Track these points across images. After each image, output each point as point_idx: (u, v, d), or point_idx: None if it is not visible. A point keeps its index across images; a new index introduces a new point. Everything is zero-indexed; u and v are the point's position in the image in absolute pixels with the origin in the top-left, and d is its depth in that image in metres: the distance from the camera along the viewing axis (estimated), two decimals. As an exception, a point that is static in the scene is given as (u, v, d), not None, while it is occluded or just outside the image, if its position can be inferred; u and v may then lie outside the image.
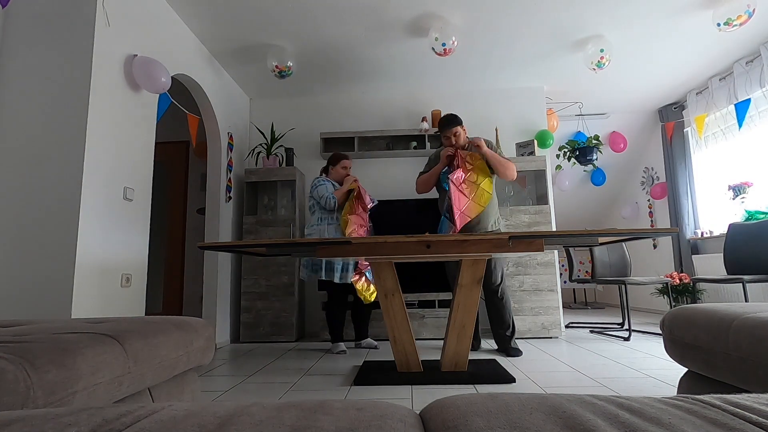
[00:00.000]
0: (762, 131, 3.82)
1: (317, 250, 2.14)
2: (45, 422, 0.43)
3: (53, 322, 1.20)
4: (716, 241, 4.29)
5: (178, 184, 4.68)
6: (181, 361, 1.23)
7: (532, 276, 3.59)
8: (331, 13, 3.06)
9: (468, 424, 0.43)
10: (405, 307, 2.33)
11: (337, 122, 4.38)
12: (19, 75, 2.21)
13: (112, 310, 2.30)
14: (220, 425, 0.43)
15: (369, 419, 0.45)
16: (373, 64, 3.81)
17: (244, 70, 3.85)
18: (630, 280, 3.53)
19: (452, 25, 3.20)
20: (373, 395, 1.98)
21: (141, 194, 2.58)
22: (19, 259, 2.06)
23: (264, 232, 3.82)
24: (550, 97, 4.51)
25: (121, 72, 2.44)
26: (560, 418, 0.43)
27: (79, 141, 2.14)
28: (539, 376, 2.27)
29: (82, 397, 0.86)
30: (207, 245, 2.11)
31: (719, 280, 3.27)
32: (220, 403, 0.51)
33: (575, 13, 3.13)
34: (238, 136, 4.07)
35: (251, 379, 2.32)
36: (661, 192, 5.10)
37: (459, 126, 2.86)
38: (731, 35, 3.40)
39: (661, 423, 0.42)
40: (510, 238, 2.05)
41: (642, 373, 2.28)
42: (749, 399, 0.49)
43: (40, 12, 2.25)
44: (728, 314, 1.16)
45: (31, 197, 2.11)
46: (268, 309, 3.68)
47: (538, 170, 3.85)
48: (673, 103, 4.85)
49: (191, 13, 3.02)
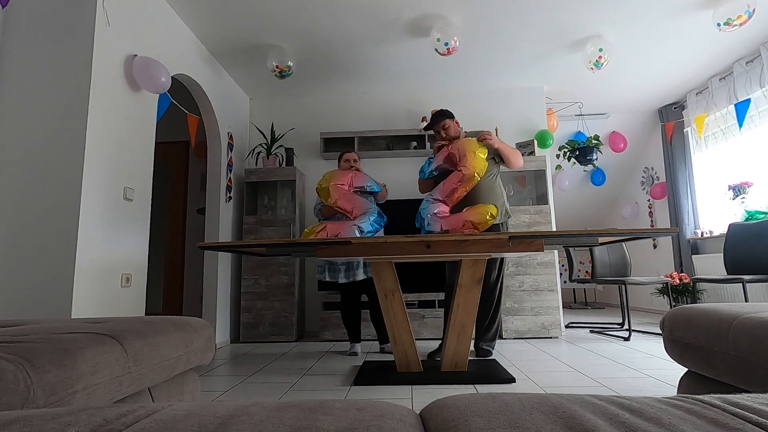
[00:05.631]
0: (762, 131, 3.82)
1: (317, 250, 2.14)
2: (45, 422, 0.43)
3: (53, 322, 1.20)
4: (716, 241, 4.29)
5: (178, 184, 4.67)
6: (181, 361, 1.23)
7: (532, 276, 3.59)
8: (331, 12, 3.06)
9: (468, 424, 0.43)
10: (405, 307, 2.33)
11: (337, 122, 4.38)
12: (19, 75, 2.21)
13: (112, 310, 2.30)
14: (220, 425, 0.43)
15: (369, 419, 0.45)
16: (373, 64, 3.81)
17: (244, 70, 3.85)
18: (630, 280, 3.53)
19: (453, 25, 3.20)
20: (373, 395, 1.98)
21: (141, 194, 2.58)
22: (19, 259, 2.06)
23: (264, 232, 3.82)
24: (550, 97, 4.51)
25: (121, 72, 2.44)
26: (560, 418, 0.43)
27: (79, 141, 2.14)
28: (539, 376, 2.27)
29: (82, 397, 0.86)
30: (207, 245, 2.11)
31: (719, 280, 3.27)
32: (220, 403, 0.51)
33: (575, 13, 3.13)
34: (238, 136, 4.07)
35: (251, 379, 2.32)
36: (661, 192, 5.10)
37: (448, 119, 2.82)
38: (731, 35, 3.40)
39: (661, 423, 0.42)
40: (510, 238, 2.05)
41: (642, 373, 2.28)
42: (749, 399, 0.49)
43: (40, 12, 2.25)
44: (728, 314, 1.16)
45: (31, 197, 2.11)
46: (268, 309, 3.68)
47: (538, 170, 3.85)
48: (673, 103, 4.85)
49: (191, 13, 3.02)
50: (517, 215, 3.69)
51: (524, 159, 3.82)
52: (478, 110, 4.27)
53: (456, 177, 2.55)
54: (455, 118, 2.85)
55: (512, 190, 4.05)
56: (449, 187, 2.55)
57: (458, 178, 2.54)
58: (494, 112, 4.28)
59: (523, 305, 3.55)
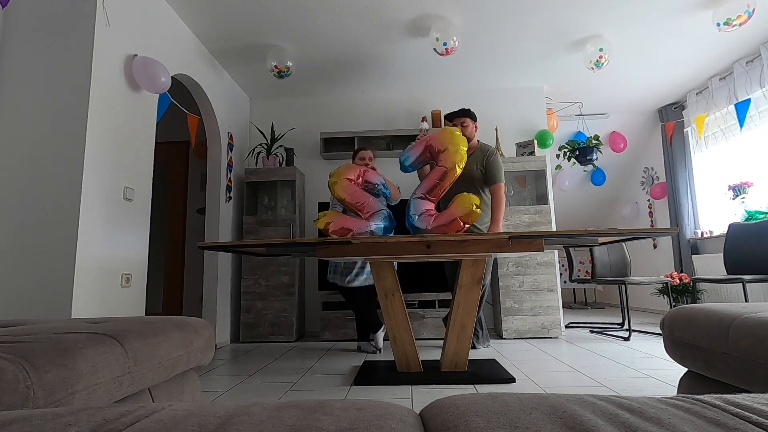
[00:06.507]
0: (762, 131, 3.82)
1: (317, 250, 2.14)
2: (45, 422, 0.43)
3: (53, 322, 1.20)
4: (716, 241, 4.29)
5: (178, 184, 4.67)
6: (181, 361, 1.23)
7: (532, 276, 3.59)
8: (331, 13, 3.06)
9: (468, 424, 0.43)
10: (405, 307, 2.33)
11: (337, 122, 4.38)
12: (19, 75, 2.21)
13: (112, 310, 2.30)
14: (220, 425, 0.43)
15: (369, 419, 0.45)
16: (373, 63, 3.81)
17: (244, 70, 3.85)
18: (630, 280, 3.53)
19: (452, 25, 3.20)
20: (373, 395, 1.98)
21: (141, 194, 2.58)
22: (19, 260, 2.06)
23: (264, 232, 3.82)
24: (550, 97, 4.51)
25: (121, 72, 2.44)
26: (560, 418, 0.43)
27: (79, 141, 2.14)
28: (539, 376, 2.27)
29: (82, 397, 0.86)
30: (207, 245, 2.11)
31: (719, 280, 3.27)
32: (220, 403, 0.51)
33: (575, 13, 3.13)
34: (238, 136, 4.07)
35: (251, 379, 2.32)
36: (661, 192, 5.10)
37: (469, 118, 2.84)
38: (731, 35, 3.40)
39: (661, 423, 0.42)
40: (510, 238, 2.05)
41: (642, 373, 2.28)
42: (749, 399, 0.49)
43: (40, 12, 2.25)
44: (728, 314, 1.16)
45: (31, 197, 2.11)
46: (268, 309, 3.68)
47: (538, 170, 3.85)
48: (673, 103, 4.85)
49: (191, 13, 3.02)
50: (517, 215, 3.69)
51: (524, 159, 3.83)
52: (478, 110, 4.26)
53: (437, 173, 2.42)
54: (477, 122, 2.87)
55: (512, 190, 4.05)
56: (431, 183, 2.42)
57: (439, 173, 2.41)
58: (494, 112, 4.28)
59: (523, 305, 3.55)
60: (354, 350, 3.12)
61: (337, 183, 2.51)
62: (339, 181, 2.52)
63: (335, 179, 2.54)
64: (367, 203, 2.47)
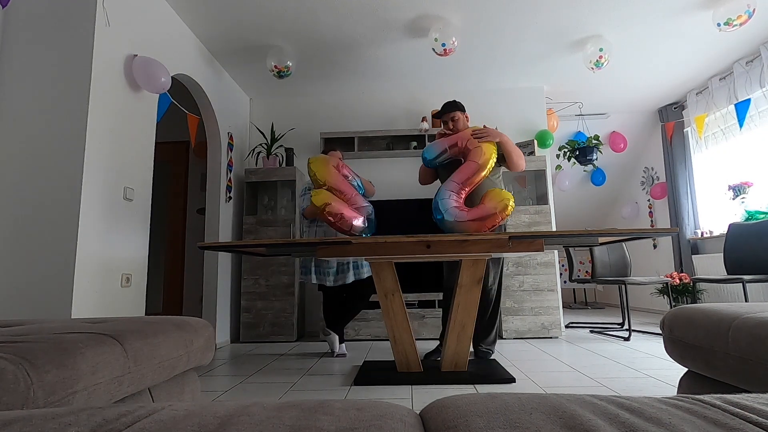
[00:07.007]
0: (762, 131, 3.82)
1: (317, 250, 2.14)
2: (45, 422, 0.43)
3: (53, 322, 1.20)
4: (716, 241, 4.29)
5: (178, 184, 4.68)
6: (181, 361, 1.23)
7: (532, 276, 3.59)
8: (330, 13, 3.06)
9: (468, 424, 0.43)
10: (405, 307, 2.33)
11: (337, 122, 4.38)
12: (19, 75, 2.21)
13: (112, 310, 2.30)
14: (220, 425, 0.43)
15: (369, 419, 0.45)
16: (373, 64, 3.81)
17: (244, 70, 3.85)
18: (630, 280, 3.53)
19: (452, 25, 3.20)
20: (373, 395, 1.98)
21: (141, 194, 2.58)
22: (19, 259, 2.06)
23: (264, 232, 3.82)
24: (550, 97, 4.51)
25: (121, 72, 2.44)
26: (560, 418, 0.43)
27: (79, 141, 2.14)
28: (539, 376, 2.27)
29: (82, 397, 0.86)
30: (207, 245, 2.11)
31: (719, 280, 3.27)
32: (220, 403, 0.51)
33: (575, 13, 3.13)
34: (238, 136, 4.07)
35: (251, 379, 2.32)
36: (661, 192, 5.10)
37: (459, 111, 2.77)
38: (731, 35, 3.40)
39: (661, 423, 0.42)
40: (510, 238, 2.05)
41: (642, 373, 2.28)
42: (749, 399, 0.49)
43: (40, 12, 2.25)
44: (728, 314, 1.16)
45: (31, 197, 2.11)
46: (268, 309, 3.69)
47: (538, 170, 3.85)
48: (673, 103, 4.85)
49: (191, 13, 3.02)
50: (517, 215, 3.69)
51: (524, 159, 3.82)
52: (478, 110, 4.27)
53: (470, 167, 2.41)
54: (466, 112, 2.81)
55: (512, 190, 4.05)
56: (464, 177, 2.40)
57: (473, 168, 2.40)
58: (494, 112, 4.28)
59: (523, 305, 3.55)
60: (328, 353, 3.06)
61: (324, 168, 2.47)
62: (326, 167, 2.48)
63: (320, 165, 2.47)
64: (352, 197, 2.48)
